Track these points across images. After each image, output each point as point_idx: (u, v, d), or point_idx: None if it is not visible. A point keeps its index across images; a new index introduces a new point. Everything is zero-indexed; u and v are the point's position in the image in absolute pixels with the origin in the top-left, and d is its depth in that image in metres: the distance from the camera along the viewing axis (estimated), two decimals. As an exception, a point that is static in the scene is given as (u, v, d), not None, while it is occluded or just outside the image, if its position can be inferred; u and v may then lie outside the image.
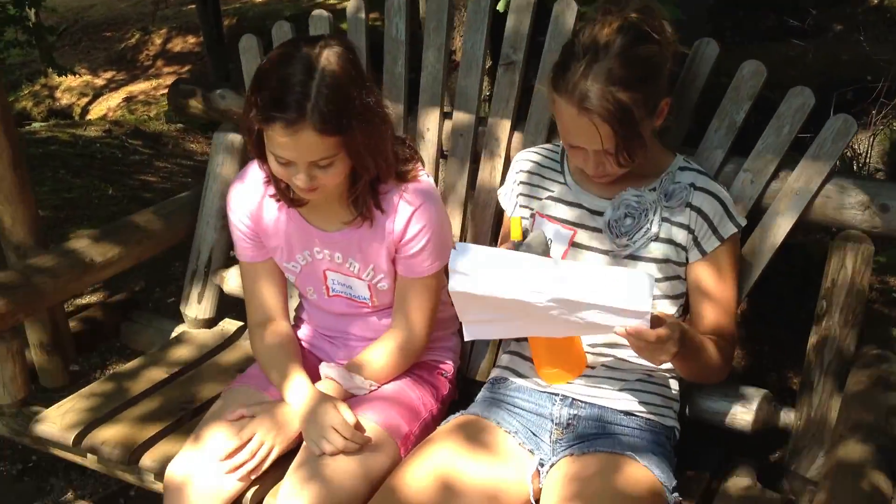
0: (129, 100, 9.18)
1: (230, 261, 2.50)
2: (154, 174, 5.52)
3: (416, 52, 2.32)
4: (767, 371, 2.85)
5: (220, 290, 2.60)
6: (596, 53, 1.68)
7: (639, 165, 1.83)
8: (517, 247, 1.76)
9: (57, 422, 2.12)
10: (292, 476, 1.80)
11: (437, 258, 1.94)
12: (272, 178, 1.89)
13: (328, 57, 1.71)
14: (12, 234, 2.37)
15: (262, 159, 1.85)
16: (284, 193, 1.91)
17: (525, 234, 1.83)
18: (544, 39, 2.14)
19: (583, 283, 1.57)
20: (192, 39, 10.19)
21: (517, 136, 2.23)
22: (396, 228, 1.90)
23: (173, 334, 2.61)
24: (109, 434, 2.07)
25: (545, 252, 1.77)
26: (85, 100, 9.50)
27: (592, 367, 1.87)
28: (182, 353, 2.45)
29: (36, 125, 7.42)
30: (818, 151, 1.90)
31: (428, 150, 2.33)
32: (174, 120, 7.32)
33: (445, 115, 2.33)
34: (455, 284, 1.62)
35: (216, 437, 1.89)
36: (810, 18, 4.90)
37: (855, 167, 3.87)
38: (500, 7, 2.32)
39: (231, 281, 2.54)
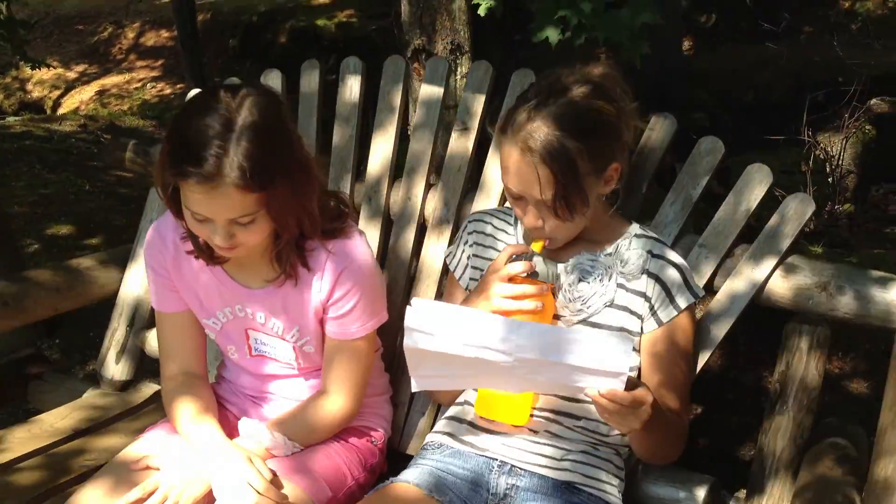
0: (101, 93, 9.10)
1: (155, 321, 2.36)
2: (130, 169, 5.46)
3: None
4: (730, 417, 2.76)
5: (142, 352, 2.44)
6: (547, 97, 1.64)
7: (592, 230, 1.77)
8: (531, 257, 1.68)
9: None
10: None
11: (368, 319, 1.83)
12: (189, 235, 1.77)
13: (249, 107, 1.60)
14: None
15: (179, 216, 1.72)
16: (203, 251, 1.79)
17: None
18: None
19: (553, 343, 1.46)
20: (165, 34, 10.18)
21: (468, 203, 2.16)
22: (323, 288, 1.78)
23: (84, 395, 2.43)
24: (10, 483, 1.92)
25: (555, 274, 1.71)
26: (57, 92, 9.42)
27: (535, 432, 1.74)
28: (97, 411, 2.28)
29: (10, 119, 7.32)
30: (774, 231, 1.85)
31: (373, 213, 2.25)
32: (148, 116, 7.26)
33: (395, 178, 2.26)
34: (411, 342, 1.51)
35: (115, 484, 1.73)
36: (784, 21, 5.01)
37: (828, 169, 3.90)
38: (481, 11, 2.29)
39: (154, 342, 2.38)
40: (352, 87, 2.30)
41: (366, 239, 1.84)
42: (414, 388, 1.63)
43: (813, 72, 4.85)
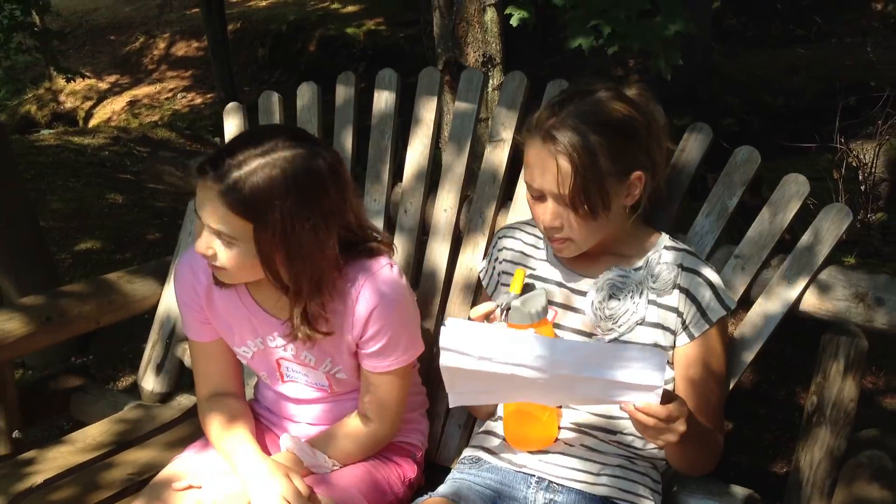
0: (133, 104, 9.22)
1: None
2: (167, 183, 5.47)
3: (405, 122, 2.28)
4: (762, 433, 2.73)
5: (181, 364, 2.48)
6: (573, 96, 1.66)
7: (620, 243, 1.77)
8: (511, 301, 1.67)
9: (-3, 488, 1.98)
10: (241, 553, 1.66)
11: (402, 353, 1.81)
12: None
13: (292, 159, 1.62)
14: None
15: None
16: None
17: (523, 291, 1.73)
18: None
19: (587, 358, 1.46)
20: (195, 44, 10.30)
21: (502, 215, 2.17)
22: (356, 326, 1.76)
23: (126, 407, 2.47)
24: (49, 501, 1.92)
25: (542, 310, 1.69)
26: (89, 103, 9.53)
27: (571, 446, 1.75)
28: (134, 424, 2.31)
29: (44, 132, 7.41)
30: (811, 241, 1.85)
31: (410, 225, 2.26)
32: (179, 128, 7.33)
33: (431, 191, 2.27)
34: (446, 361, 1.52)
35: None
36: (815, 25, 4.96)
37: (861, 177, 3.83)
38: (513, 22, 2.30)
39: (193, 354, 2.42)
40: (387, 100, 2.32)
41: (398, 271, 1.80)
42: (451, 405, 1.63)
43: (845, 76, 4.80)
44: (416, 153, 2.28)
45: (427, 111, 2.26)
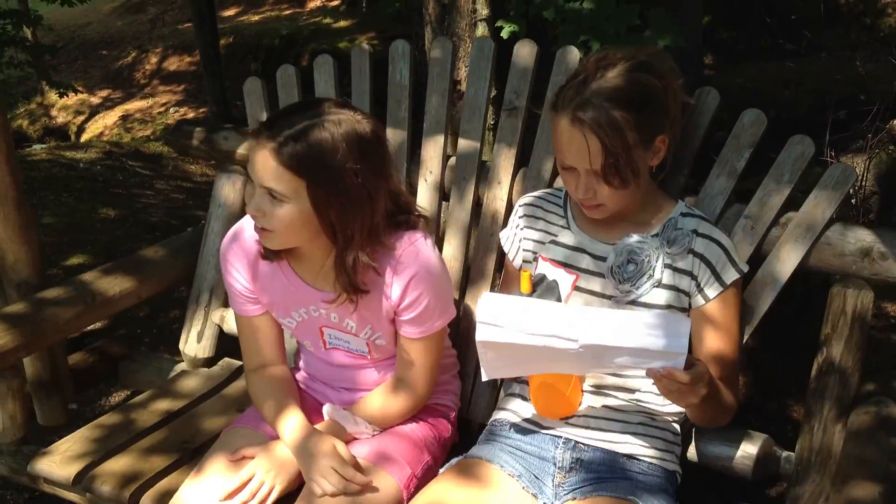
0: (125, 118, 9.23)
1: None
2: (155, 196, 5.54)
3: (420, 94, 2.35)
4: (769, 399, 2.85)
5: (220, 330, 2.60)
6: (595, 72, 1.74)
7: (639, 210, 1.87)
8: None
9: (55, 461, 2.12)
10: (294, 518, 1.80)
11: (437, 318, 1.92)
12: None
13: (340, 122, 1.72)
14: (15, 272, 2.38)
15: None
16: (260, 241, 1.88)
17: (535, 286, 1.84)
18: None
19: (616, 327, 1.58)
20: (187, 58, 10.28)
21: (519, 180, 2.25)
22: (393, 295, 1.87)
23: (172, 373, 2.60)
24: (108, 474, 2.06)
25: (558, 301, 1.79)
26: (81, 118, 9.54)
27: (594, 408, 1.88)
28: (181, 391, 2.44)
29: (36, 147, 7.44)
30: (817, 199, 1.93)
31: (430, 193, 2.35)
32: (171, 141, 7.36)
33: (448, 159, 2.35)
34: (482, 335, 1.63)
35: (216, 476, 1.89)
36: (805, 39, 4.96)
37: (851, 190, 3.88)
38: (504, 34, 2.36)
39: (231, 321, 2.54)
40: (401, 71, 2.38)
41: (432, 241, 1.91)
42: (484, 378, 1.75)
43: (835, 90, 4.78)
44: (433, 116, 2.35)
45: (440, 82, 2.32)
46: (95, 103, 9.78)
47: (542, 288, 1.81)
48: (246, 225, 1.97)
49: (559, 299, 1.82)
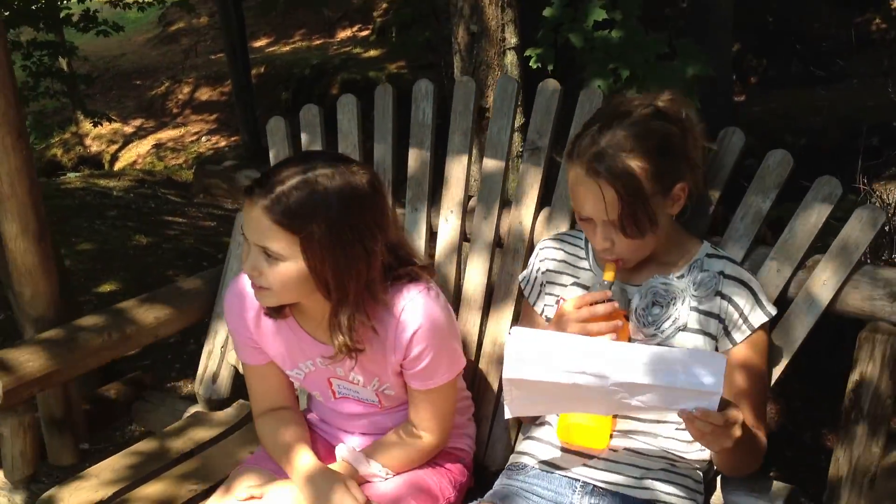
0: (157, 147, 9.35)
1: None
2: (187, 224, 5.60)
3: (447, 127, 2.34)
4: (802, 429, 2.76)
5: (236, 371, 2.57)
6: (611, 121, 1.70)
7: (663, 251, 1.82)
8: (610, 286, 1.75)
9: (65, 500, 2.07)
10: (303, 561, 1.75)
11: (446, 370, 1.87)
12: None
13: (334, 176, 1.69)
14: (32, 308, 2.36)
15: None
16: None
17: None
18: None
19: (648, 364, 1.52)
20: (219, 88, 10.41)
21: (542, 221, 2.22)
22: (398, 348, 1.82)
23: (186, 414, 2.57)
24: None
25: (626, 303, 1.77)
26: (114, 147, 9.67)
27: (615, 451, 1.82)
28: (194, 433, 2.40)
29: (70, 176, 7.54)
30: (845, 242, 1.88)
31: (451, 235, 2.33)
32: None
33: (470, 199, 2.33)
34: (510, 372, 1.58)
35: None
36: (835, 66, 4.92)
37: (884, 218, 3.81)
38: (532, 64, 2.35)
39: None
40: (424, 111, 2.37)
41: (437, 292, 1.85)
42: (507, 416, 1.70)
43: (866, 116, 4.76)
44: (456, 163, 2.33)
45: (464, 121, 2.31)
46: (129, 132, 9.93)
47: (619, 285, 1.78)
48: (246, 280, 1.93)
49: (625, 304, 1.78)
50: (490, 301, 2.27)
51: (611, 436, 1.82)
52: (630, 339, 1.82)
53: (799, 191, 1.93)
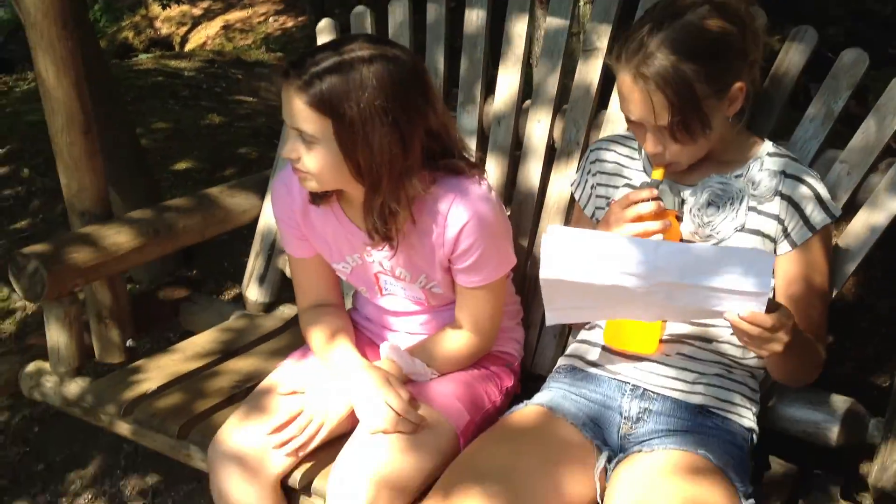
0: (226, 28, 9.37)
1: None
2: (258, 103, 5.59)
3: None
4: (863, 346, 2.68)
5: (283, 274, 2.55)
6: (663, 20, 1.60)
7: (721, 150, 1.74)
8: (657, 185, 1.68)
9: (109, 392, 2.09)
10: (345, 455, 1.72)
11: (494, 268, 1.82)
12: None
13: (371, 59, 1.63)
14: (78, 201, 2.34)
15: None
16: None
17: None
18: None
19: (692, 264, 1.44)
20: None
21: (596, 127, 2.14)
22: (447, 242, 1.77)
23: (232, 317, 2.55)
24: (160, 408, 2.02)
25: (677, 203, 1.70)
26: (184, 29, 9.71)
27: (668, 356, 1.75)
28: (239, 334, 2.40)
29: (142, 57, 7.59)
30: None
31: (504, 141, 2.26)
32: (273, 49, 7.48)
33: (524, 101, 2.25)
34: (547, 272, 1.50)
35: (264, 410, 1.82)
36: None
37: None
38: None
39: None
40: (478, 14, 2.29)
41: (488, 187, 1.80)
42: (548, 323, 1.63)
43: None
44: (509, 68, 2.25)
45: (518, 26, 2.23)
46: (197, 14, 9.94)
47: (667, 183, 1.71)
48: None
49: (677, 205, 1.71)
50: (542, 204, 2.20)
51: (661, 340, 1.75)
52: (682, 240, 1.74)
53: (885, 60, 1.80)
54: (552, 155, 2.21)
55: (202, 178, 4.27)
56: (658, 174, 1.71)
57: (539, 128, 2.20)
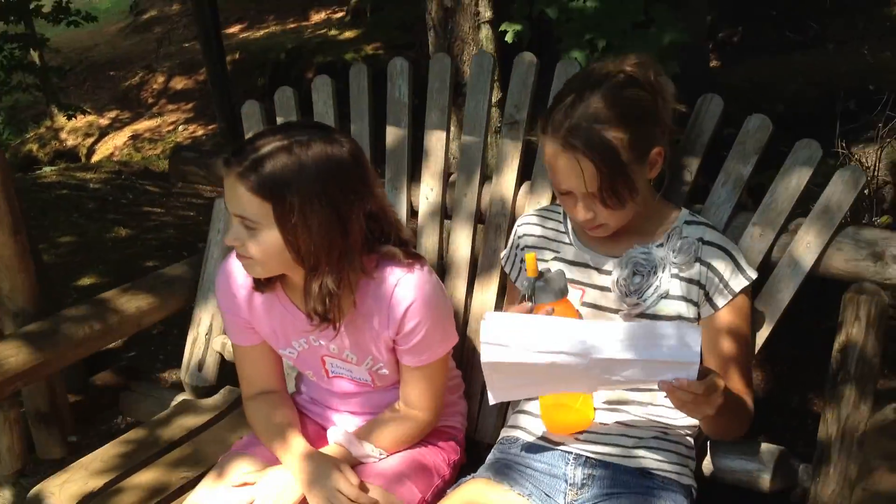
0: (134, 138, 9.27)
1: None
2: (166, 214, 5.55)
3: (423, 106, 2.32)
4: (789, 393, 2.78)
5: (222, 358, 2.55)
6: (582, 93, 1.69)
7: (642, 221, 1.82)
8: (534, 283, 1.72)
9: (55, 493, 2.05)
10: (298, 544, 1.74)
11: (438, 345, 1.87)
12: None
13: (309, 144, 1.67)
14: (11, 302, 2.33)
15: None
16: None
17: (541, 274, 1.78)
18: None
19: (625, 340, 1.51)
20: (195, 76, 10.32)
21: (523, 195, 2.21)
22: (391, 323, 1.81)
23: (173, 403, 2.55)
24: (103, 504, 2.00)
25: (564, 288, 1.73)
26: (90, 140, 9.58)
27: (606, 424, 1.82)
28: (182, 421, 2.39)
29: (46, 170, 7.46)
30: (828, 204, 1.88)
31: (432, 211, 2.31)
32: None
33: (450, 176, 2.32)
34: (488, 356, 1.57)
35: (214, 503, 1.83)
36: (811, 30, 4.91)
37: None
38: (508, 38, 2.34)
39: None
40: (400, 88, 2.35)
41: (430, 270, 1.84)
42: (492, 402, 1.68)
43: (843, 81, 4.76)
44: (434, 140, 2.31)
45: (440, 98, 2.30)
46: (104, 124, 9.83)
47: (550, 275, 1.75)
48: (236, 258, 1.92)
49: (565, 289, 1.75)
50: (475, 276, 2.26)
51: (595, 408, 1.82)
52: (615, 309, 1.82)
53: (778, 157, 1.92)
54: (482, 223, 2.27)
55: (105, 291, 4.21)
56: (531, 266, 1.73)
57: (467, 198, 2.26)
